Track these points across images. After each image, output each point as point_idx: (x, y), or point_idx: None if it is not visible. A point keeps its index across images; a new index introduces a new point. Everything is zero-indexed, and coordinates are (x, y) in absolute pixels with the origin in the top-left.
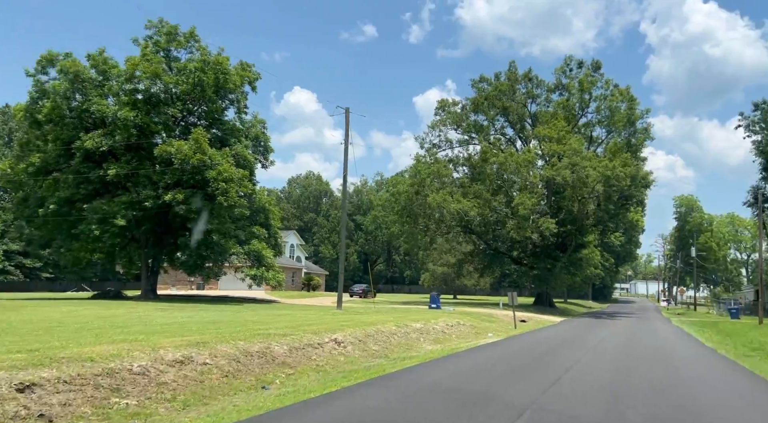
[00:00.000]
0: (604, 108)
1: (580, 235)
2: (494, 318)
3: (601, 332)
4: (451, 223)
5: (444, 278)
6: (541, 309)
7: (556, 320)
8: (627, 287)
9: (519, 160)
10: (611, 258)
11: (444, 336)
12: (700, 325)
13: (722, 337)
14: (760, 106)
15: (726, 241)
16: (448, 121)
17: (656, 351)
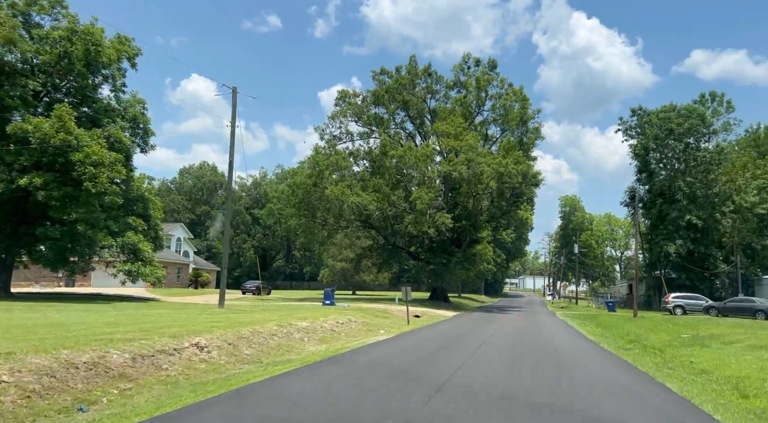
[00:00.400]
0: (499, 106)
1: (475, 230)
2: (389, 314)
3: (490, 327)
4: (350, 217)
5: (343, 274)
6: (436, 304)
7: (449, 315)
8: (516, 282)
9: (418, 154)
10: (503, 254)
11: (332, 335)
12: (582, 318)
13: (602, 329)
14: (637, 112)
15: (604, 239)
16: (349, 112)
17: (544, 347)
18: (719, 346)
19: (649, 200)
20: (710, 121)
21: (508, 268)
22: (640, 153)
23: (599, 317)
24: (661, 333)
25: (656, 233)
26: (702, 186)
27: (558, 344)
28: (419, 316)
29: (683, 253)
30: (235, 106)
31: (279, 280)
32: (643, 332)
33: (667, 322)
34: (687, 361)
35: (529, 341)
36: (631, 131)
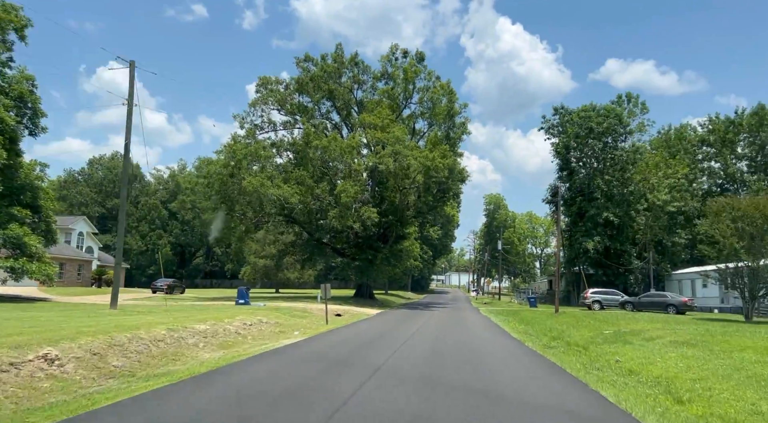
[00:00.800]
0: (427, 100)
1: (401, 226)
2: (308, 313)
3: (413, 325)
4: (270, 210)
5: (266, 271)
6: (360, 301)
7: (372, 313)
8: (443, 279)
9: (343, 146)
10: (430, 250)
11: (236, 338)
12: (505, 314)
13: (525, 326)
14: (559, 111)
15: (525, 237)
16: (271, 100)
17: (469, 349)
18: (641, 342)
19: (569, 198)
20: (627, 122)
21: (434, 264)
22: (561, 151)
23: (522, 313)
24: (582, 329)
25: (576, 230)
26: (619, 184)
27: (482, 345)
28: (341, 315)
29: (600, 250)
30: (132, 82)
31: (198, 278)
32: (565, 328)
33: (588, 317)
34: (613, 361)
35: (452, 342)
36: (554, 130)
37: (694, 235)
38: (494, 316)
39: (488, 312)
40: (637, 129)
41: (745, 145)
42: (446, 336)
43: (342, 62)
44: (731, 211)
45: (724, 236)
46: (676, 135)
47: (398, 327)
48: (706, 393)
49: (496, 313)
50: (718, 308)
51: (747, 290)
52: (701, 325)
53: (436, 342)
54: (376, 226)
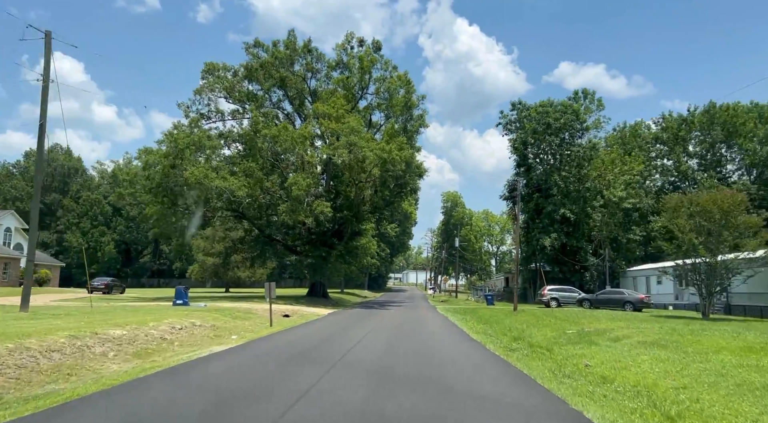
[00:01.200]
0: (383, 90)
1: (357, 222)
2: (252, 314)
3: (366, 326)
4: (216, 204)
5: (215, 270)
6: (313, 301)
7: (324, 313)
8: (400, 277)
9: (295, 135)
10: (387, 248)
11: (159, 345)
12: (462, 312)
13: (484, 325)
14: (517, 106)
15: (482, 235)
16: (218, 87)
17: (424, 354)
18: (608, 343)
19: (526, 194)
20: (584, 118)
21: (392, 262)
22: (518, 147)
23: (479, 311)
24: (544, 328)
25: (533, 227)
26: (575, 181)
27: (441, 351)
28: (289, 316)
29: (557, 246)
30: (48, 54)
31: (145, 277)
32: (525, 328)
33: (547, 315)
34: (581, 365)
35: (407, 348)
36: (511, 126)
37: (648, 232)
38: (451, 314)
39: (445, 310)
40: (594, 125)
41: (696, 143)
42: (400, 340)
43: (295, 49)
44: (689, 207)
45: (683, 231)
46: (630, 132)
47: (348, 329)
48: (695, 405)
49: (453, 311)
50: (673, 305)
51: (704, 287)
52: (664, 323)
53: (387, 350)
54: (330, 222)
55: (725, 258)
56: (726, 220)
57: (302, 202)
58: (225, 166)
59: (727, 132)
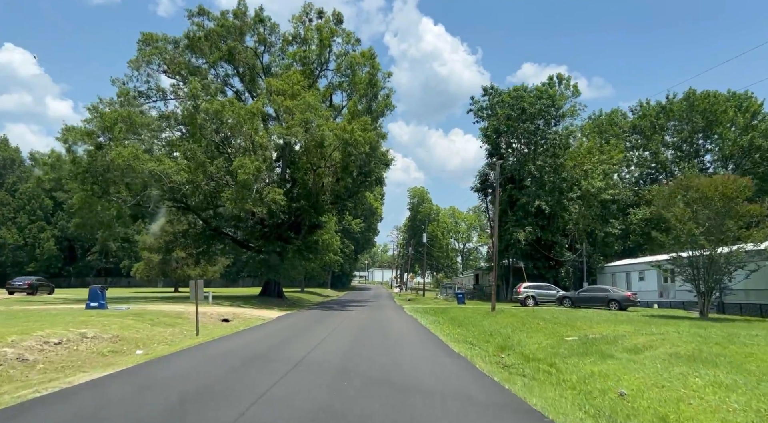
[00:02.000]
0: (345, 66)
1: (316, 213)
2: (182, 319)
3: (318, 333)
4: (152, 192)
5: (163, 268)
6: (267, 301)
7: (272, 316)
8: (366, 275)
9: (242, 112)
10: (351, 244)
11: (7, 370)
12: (433, 313)
13: (461, 329)
14: (489, 91)
15: (449, 231)
16: (156, 59)
17: (391, 379)
18: (627, 355)
19: (501, 184)
20: (560, 103)
21: (357, 260)
22: (491, 135)
23: (451, 311)
24: (534, 333)
25: (506, 220)
26: (551, 171)
27: (414, 369)
28: (228, 320)
29: (532, 240)
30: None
31: (91, 276)
32: (511, 332)
33: (530, 316)
34: (613, 393)
35: (368, 366)
36: (482, 112)
37: (627, 226)
38: (421, 316)
39: (414, 311)
40: (569, 112)
41: (673, 133)
42: (359, 357)
43: (245, 20)
44: (685, 193)
45: (681, 221)
46: (607, 120)
47: (297, 336)
48: None
49: (423, 312)
50: (657, 303)
51: (702, 282)
52: (673, 326)
53: (339, 374)
54: (285, 213)
55: (727, 250)
56: (728, 207)
57: (250, 189)
58: (164, 148)
59: (707, 120)
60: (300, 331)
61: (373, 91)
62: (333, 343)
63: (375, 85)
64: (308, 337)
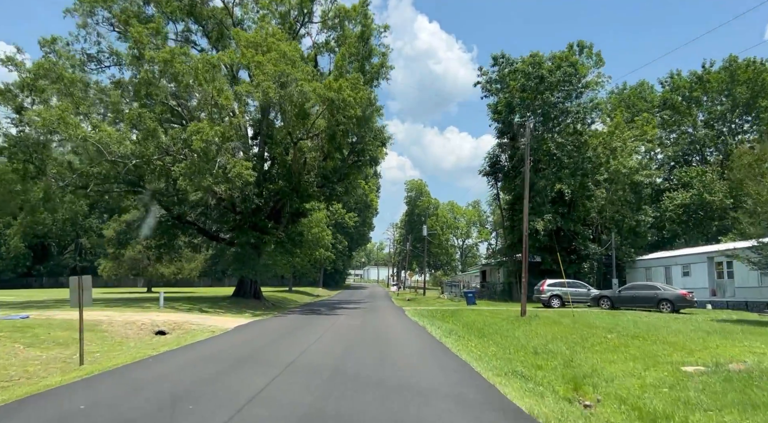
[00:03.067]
0: (332, 19)
1: (300, 199)
2: (93, 332)
3: (284, 355)
4: (92, 169)
5: (133, 265)
6: (238, 304)
7: (231, 325)
8: (361, 273)
9: (199, 64)
10: (345, 240)
11: None
12: (442, 316)
13: (493, 345)
14: (499, 60)
15: (448, 226)
16: (100, 10)
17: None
18: None
19: (510, 168)
20: (584, 72)
21: (351, 257)
22: (502, 111)
23: (464, 315)
24: (610, 354)
25: (519, 208)
26: (573, 149)
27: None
28: (165, 333)
29: (551, 231)
30: None
31: (64, 276)
32: (568, 351)
33: (579, 324)
34: None
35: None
36: (492, 86)
37: (661, 213)
38: (429, 322)
39: (418, 314)
40: (593, 84)
41: (708, 108)
42: (337, 405)
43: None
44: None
45: None
46: (632, 94)
47: (238, 370)
48: None
49: (429, 315)
50: (710, 302)
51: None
52: None
53: None
54: (260, 197)
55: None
56: None
57: (209, 160)
58: (109, 116)
59: (752, 92)
60: (254, 353)
61: (365, 49)
62: (296, 382)
63: (367, 39)
64: (261, 366)
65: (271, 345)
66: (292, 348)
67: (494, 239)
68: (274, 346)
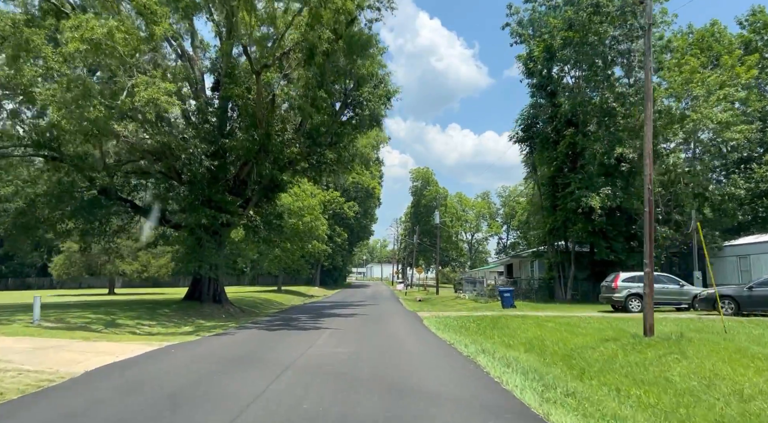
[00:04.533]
0: None
1: (272, 163)
2: None
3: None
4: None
5: (89, 263)
6: (185, 310)
7: (121, 356)
8: (364, 271)
9: None
10: (344, 232)
11: None
12: (480, 330)
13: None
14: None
15: (457, 218)
16: None
17: None
18: None
19: (552, 131)
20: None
21: (352, 252)
22: (539, 58)
23: (511, 326)
24: None
25: (563, 181)
26: (639, 101)
27: None
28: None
29: (610, 209)
30: None
31: (33, 276)
32: None
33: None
34: None
35: None
36: (524, 29)
37: (757, 183)
38: (466, 339)
39: (441, 325)
40: (660, 19)
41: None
42: None
43: None
44: None
45: None
46: (706, 34)
47: None
48: None
49: (461, 327)
50: None
51: None
52: None
53: None
54: (209, 156)
55: None
56: None
57: (108, 80)
58: None
59: None
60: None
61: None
62: None
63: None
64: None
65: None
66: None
67: (505, 233)
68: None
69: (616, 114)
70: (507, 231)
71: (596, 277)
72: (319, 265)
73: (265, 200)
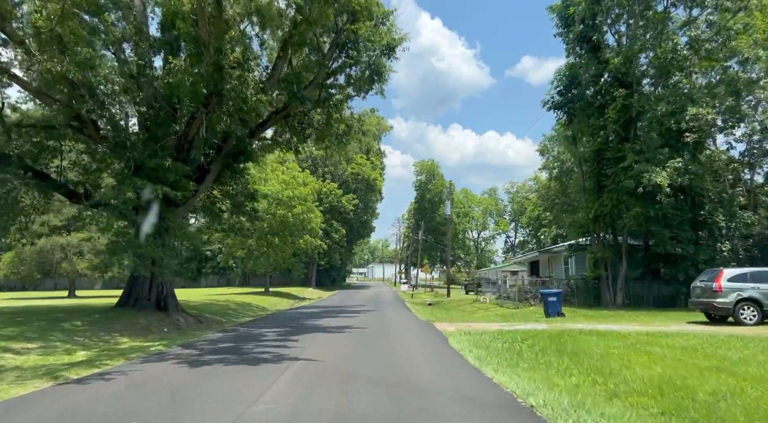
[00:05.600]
0: None
1: (229, 114)
2: None
3: None
4: None
5: (42, 263)
6: (110, 322)
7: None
8: (365, 271)
9: None
10: (343, 228)
11: None
12: (541, 356)
13: None
14: None
15: (465, 214)
16: None
17: None
18: None
19: (597, 94)
20: None
21: (351, 250)
22: (584, 10)
23: (587, 349)
24: None
25: (612, 157)
26: (709, 54)
27: None
28: None
29: (673, 189)
30: None
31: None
32: None
33: None
34: None
35: None
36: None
37: None
38: (542, 383)
39: (480, 347)
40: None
41: None
42: None
43: None
44: None
45: None
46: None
47: None
48: None
49: (509, 351)
50: None
51: None
52: None
53: None
54: (138, 103)
55: None
56: None
57: None
58: None
59: None
60: None
61: None
62: None
63: None
64: None
65: None
66: None
67: (513, 231)
68: None
69: (686, 67)
70: (515, 229)
71: (651, 275)
72: (314, 264)
73: (229, 173)
